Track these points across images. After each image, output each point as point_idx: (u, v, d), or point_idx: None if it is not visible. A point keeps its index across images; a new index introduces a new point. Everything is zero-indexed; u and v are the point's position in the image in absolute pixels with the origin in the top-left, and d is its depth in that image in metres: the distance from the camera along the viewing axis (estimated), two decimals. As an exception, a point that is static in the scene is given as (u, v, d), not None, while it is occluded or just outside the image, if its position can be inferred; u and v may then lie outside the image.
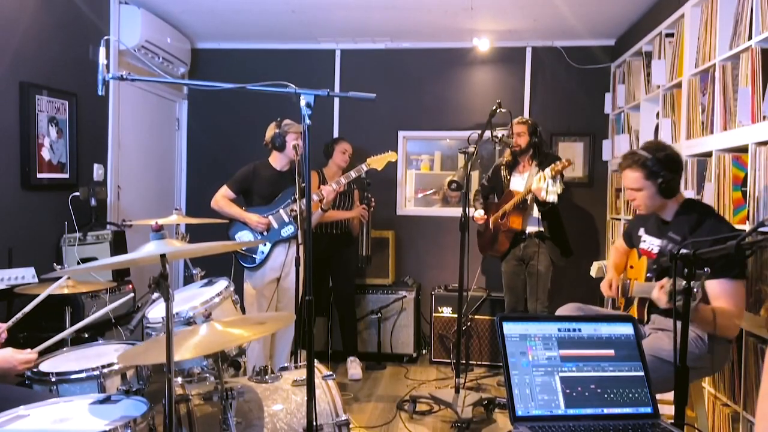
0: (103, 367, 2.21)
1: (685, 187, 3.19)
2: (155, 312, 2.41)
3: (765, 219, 2.33)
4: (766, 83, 2.44)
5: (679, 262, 1.73)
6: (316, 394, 2.11)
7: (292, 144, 3.58)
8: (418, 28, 4.64)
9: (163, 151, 5.03)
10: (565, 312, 2.58)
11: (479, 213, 4.13)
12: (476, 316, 4.47)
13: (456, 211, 4.07)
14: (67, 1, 3.67)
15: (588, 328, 1.80)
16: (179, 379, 2.25)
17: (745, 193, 2.55)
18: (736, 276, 2.15)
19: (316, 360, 2.09)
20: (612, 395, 1.71)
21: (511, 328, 1.76)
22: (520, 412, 1.65)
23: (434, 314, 4.57)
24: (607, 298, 2.72)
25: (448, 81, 5.03)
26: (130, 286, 3.49)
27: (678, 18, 3.39)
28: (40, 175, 3.42)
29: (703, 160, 3.03)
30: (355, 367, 4.29)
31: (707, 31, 3.00)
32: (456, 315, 4.11)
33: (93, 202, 3.62)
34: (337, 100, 5.12)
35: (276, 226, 3.64)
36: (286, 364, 2.58)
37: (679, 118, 3.32)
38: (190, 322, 2.24)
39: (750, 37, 2.56)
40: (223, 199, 3.69)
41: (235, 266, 3.69)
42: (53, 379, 2.15)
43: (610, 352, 1.77)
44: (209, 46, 5.21)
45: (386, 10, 4.21)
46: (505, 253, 4.05)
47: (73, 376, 2.18)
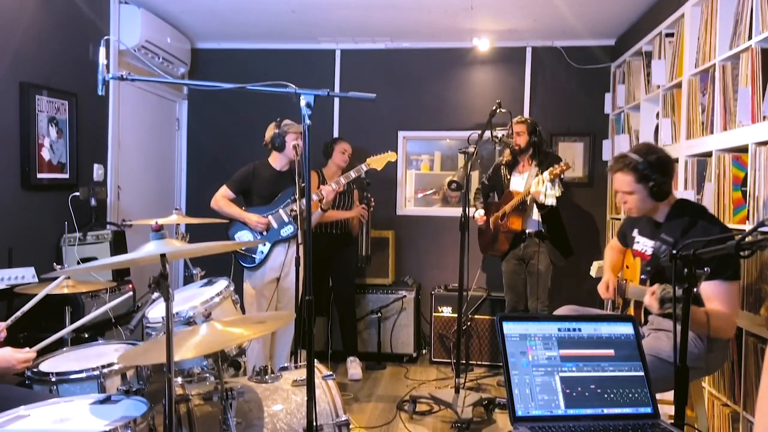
0: (103, 367, 2.21)
1: (685, 187, 3.19)
2: (155, 312, 2.41)
3: (765, 219, 2.33)
4: (766, 83, 2.44)
5: (678, 262, 1.73)
6: (316, 394, 2.11)
7: (292, 144, 3.58)
8: (418, 28, 4.64)
9: (163, 151, 5.03)
10: (561, 314, 2.57)
11: (479, 213, 4.13)
12: (476, 316, 4.47)
13: (456, 211, 4.07)
14: (67, 1, 3.67)
15: (588, 328, 1.80)
16: (179, 379, 2.25)
17: (745, 193, 2.55)
18: (729, 277, 2.14)
19: (316, 360, 2.09)
20: (612, 395, 1.71)
21: (511, 328, 1.76)
22: (520, 413, 1.65)
23: (434, 314, 4.57)
24: (605, 300, 2.71)
25: (448, 81, 5.03)
26: (130, 285, 3.49)
27: (678, 18, 3.39)
28: (40, 175, 3.42)
29: (703, 160, 3.03)
30: (355, 367, 4.29)
31: (707, 31, 3.00)
32: (456, 315, 4.11)
33: (93, 202, 3.62)
34: (337, 100, 5.12)
35: (275, 226, 3.64)
36: (286, 364, 2.58)
37: (679, 118, 3.32)
38: (190, 322, 2.24)
39: (750, 37, 2.56)
40: (222, 199, 3.69)
41: (235, 266, 3.69)
42: (53, 379, 2.16)
43: (610, 352, 1.77)
44: (209, 46, 5.21)
45: (386, 10, 4.21)
46: (506, 253, 4.05)
47: (73, 376, 2.18)
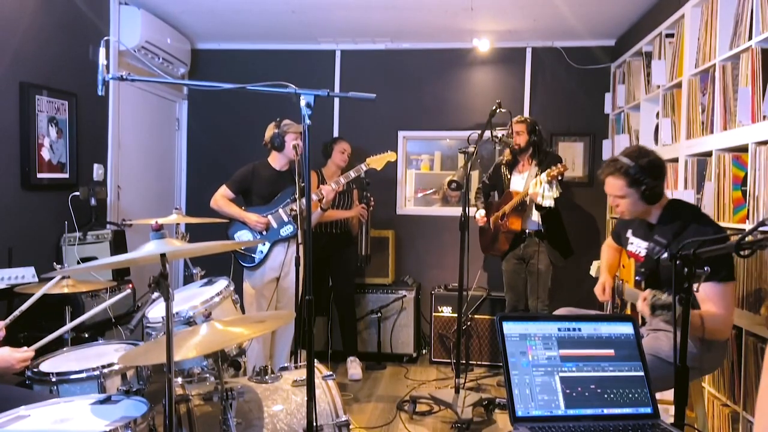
0: (103, 367, 2.21)
1: (685, 187, 3.19)
2: (155, 312, 2.41)
3: (765, 219, 2.33)
4: (766, 83, 2.44)
5: (678, 262, 1.73)
6: (316, 395, 2.11)
7: (292, 144, 3.58)
8: (418, 28, 4.63)
9: (163, 151, 5.03)
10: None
11: (480, 214, 4.13)
12: (476, 316, 4.47)
13: (456, 211, 4.07)
14: (67, 1, 3.67)
15: (588, 328, 1.80)
16: (179, 379, 2.25)
17: (745, 193, 2.55)
18: (723, 278, 2.13)
19: (316, 360, 2.09)
20: (612, 395, 1.70)
21: (511, 328, 1.76)
22: (520, 413, 1.65)
23: (434, 314, 4.57)
24: (604, 303, 2.71)
25: (448, 81, 5.03)
26: (130, 285, 3.49)
27: (678, 18, 3.39)
28: (40, 175, 3.42)
29: (703, 160, 3.04)
30: (355, 367, 4.29)
31: (707, 31, 3.00)
32: (456, 315, 4.11)
33: (93, 202, 3.62)
34: (337, 101, 5.12)
35: (275, 226, 3.64)
36: (286, 364, 2.58)
37: (679, 118, 3.32)
38: (190, 322, 2.24)
39: (750, 37, 2.56)
40: (222, 198, 3.70)
41: (235, 266, 3.69)
42: (53, 380, 2.16)
43: (610, 351, 1.77)
44: (209, 46, 5.21)
45: (386, 10, 4.20)
46: (506, 253, 4.05)
47: (73, 377, 2.18)
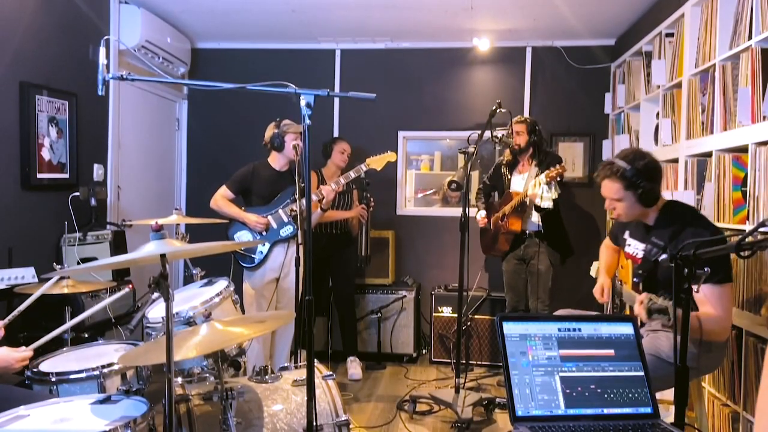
0: (103, 367, 2.21)
1: (685, 187, 3.19)
2: (155, 312, 2.41)
3: (765, 219, 2.33)
4: (766, 83, 2.44)
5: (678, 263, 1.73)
6: (316, 394, 2.11)
7: (292, 144, 3.58)
8: (418, 28, 4.63)
9: (163, 151, 5.03)
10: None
11: (481, 215, 4.13)
12: (476, 316, 4.47)
13: (456, 211, 4.07)
14: (67, 1, 3.67)
15: (588, 328, 1.80)
16: (179, 379, 2.25)
17: (745, 193, 2.55)
18: (720, 280, 2.12)
19: (316, 360, 2.09)
20: (612, 395, 1.71)
21: (511, 328, 1.76)
22: (520, 412, 1.65)
23: (434, 314, 4.57)
24: (604, 304, 2.71)
25: (448, 81, 5.03)
26: (130, 286, 3.48)
27: (678, 18, 3.39)
28: (40, 175, 3.42)
29: (703, 160, 3.03)
30: (355, 367, 4.29)
31: (707, 31, 3.00)
32: (456, 315, 4.11)
33: (93, 202, 3.62)
34: (337, 100, 5.12)
35: (275, 226, 3.64)
36: (286, 364, 2.58)
37: (679, 118, 3.32)
38: (190, 322, 2.24)
39: (750, 37, 2.56)
40: (222, 199, 3.69)
41: (234, 266, 3.69)
42: (53, 379, 2.15)
43: (610, 352, 1.77)
44: (209, 46, 5.21)
45: (386, 10, 4.20)
46: (506, 253, 4.05)
47: (73, 376, 2.18)
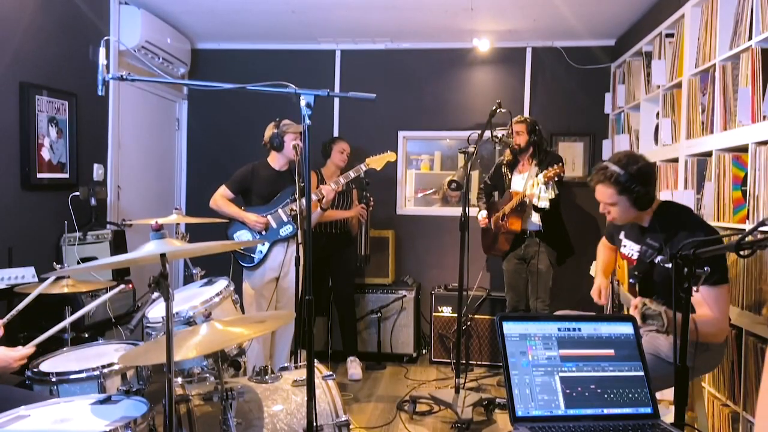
0: (103, 367, 2.21)
1: (685, 187, 3.19)
2: (155, 312, 2.41)
3: (765, 219, 2.32)
4: (766, 83, 2.44)
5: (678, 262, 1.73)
6: (316, 395, 2.11)
7: (292, 144, 3.58)
8: (418, 28, 4.63)
9: (163, 151, 5.03)
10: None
11: (482, 215, 4.13)
12: (476, 316, 4.47)
13: (456, 211, 4.07)
14: (67, 1, 3.67)
15: (588, 328, 1.80)
16: (179, 379, 2.25)
17: (745, 193, 2.55)
18: (717, 281, 2.12)
19: (316, 360, 2.09)
20: (612, 395, 1.70)
21: (511, 328, 1.76)
22: (520, 413, 1.65)
23: (434, 314, 4.57)
24: (604, 306, 2.71)
25: (448, 81, 5.03)
26: (131, 285, 3.49)
27: (678, 18, 3.39)
28: (40, 175, 3.42)
29: (703, 160, 3.04)
30: (355, 367, 4.29)
31: (707, 31, 3.00)
32: (456, 315, 4.11)
33: (93, 202, 3.62)
34: (337, 100, 5.12)
35: (274, 226, 3.64)
36: (286, 364, 2.58)
37: (679, 118, 3.32)
38: (190, 322, 2.24)
39: (750, 37, 2.56)
40: (221, 198, 3.69)
41: (234, 266, 3.69)
42: (53, 380, 2.15)
43: (610, 351, 1.77)
44: (209, 46, 5.21)
45: (386, 10, 4.20)
46: (507, 253, 4.05)
47: (73, 377, 2.18)
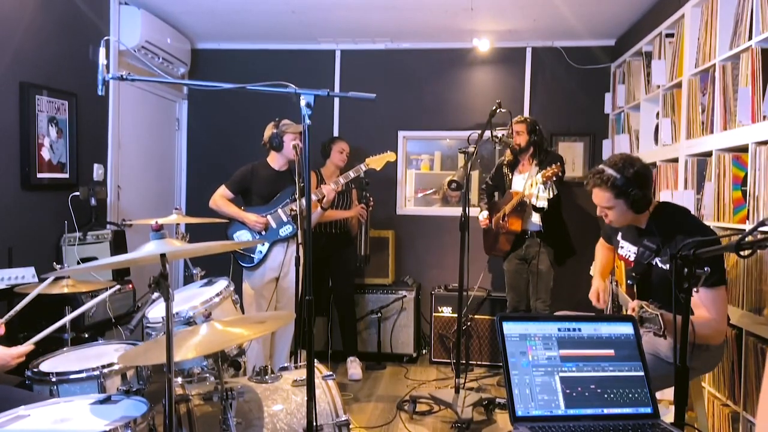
0: (103, 367, 2.21)
1: (685, 187, 3.19)
2: (155, 312, 2.41)
3: (765, 219, 2.32)
4: (766, 83, 2.44)
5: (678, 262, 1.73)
6: (316, 394, 2.11)
7: (292, 144, 3.58)
8: (418, 28, 4.63)
9: (163, 151, 5.03)
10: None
11: (483, 215, 4.13)
12: (476, 316, 4.47)
13: (456, 211, 4.07)
14: (67, 1, 3.67)
15: (588, 328, 1.80)
16: (179, 379, 2.25)
17: (745, 193, 2.55)
18: (715, 283, 2.12)
19: (316, 360, 2.09)
20: (612, 395, 1.71)
21: (511, 328, 1.76)
22: (520, 413, 1.65)
23: (434, 314, 4.57)
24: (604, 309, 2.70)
25: (448, 81, 5.03)
26: (131, 285, 3.48)
27: (678, 18, 3.39)
28: (40, 175, 3.42)
29: (703, 160, 3.03)
30: (355, 367, 4.28)
31: (707, 31, 3.00)
32: (456, 315, 4.11)
33: (93, 202, 3.62)
34: (337, 100, 5.12)
35: (274, 226, 3.64)
36: (286, 364, 2.58)
37: (679, 118, 3.32)
38: (190, 322, 2.24)
39: (750, 37, 2.56)
40: (221, 198, 3.69)
41: (234, 266, 3.69)
42: (53, 379, 2.16)
43: (610, 352, 1.77)
44: (209, 46, 5.21)
45: (386, 10, 4.20)
46: (508, 253, 4.05)
47: (73, 376, 2.18)
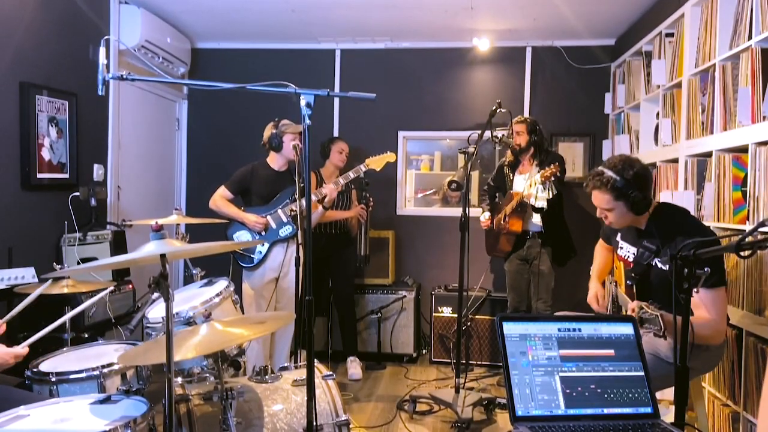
0: (103, 367, 2.21)
1: (685, 187, 3.19)
2: (155, 312, 2.41)
3: (765, 219, 2.32)
4: (766, 83, 2.44)
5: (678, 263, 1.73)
6: (316, 394, 2.11)
7: (292, 144, 3.58)
8: (418, 27, 4.63)
9: (163, 151, 5.03)
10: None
11: (485, 216, 4.13)
12: (476, 316, 4.47)
13: (456, 211, 4.07)
14: (67, 1, 3.67)
15: (588, 328, 1.80)
16: (179, 379, 2.25)
17: (745, 193, 2.55)
18: (714, 284, 2.12)
19: (316, 360, 2.09)
20: (612, 395, 1.71)
21: (511, 328, 1.76)
22: (520, 412, 1.65)
23: (434, 314, 4.57)
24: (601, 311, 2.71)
25: (448, 81, 5.03)
26: (131, 286, 3.48)
27: (678, 18, 3.39)
28: (40, 175, 3.42)
29: (703, 160, 3.03)
30: (355, 367, 4.29)
31: (707, 31, 3.00)
32: (456, 315, 4.11)
33: (93, 202, 3.62)
34: (337, 100, 5.12)
35: (274, 226, 3.64)
36: (286, 364, 2.58)
37: (679, 118, 3.32)
38: (190, 322, 2.24)
39: (750, 37, 2.56)
40: (221, 199, 3.69)
41: (234, 266, 3.69)
42: (53, 379, 2.16)
43: (610, 352, 1.77)
44: (209, 46, 5.21)
45: (386, 9, 4.20)
46: (509, 254, 4.06)
47: (73, 376, 2.18)
